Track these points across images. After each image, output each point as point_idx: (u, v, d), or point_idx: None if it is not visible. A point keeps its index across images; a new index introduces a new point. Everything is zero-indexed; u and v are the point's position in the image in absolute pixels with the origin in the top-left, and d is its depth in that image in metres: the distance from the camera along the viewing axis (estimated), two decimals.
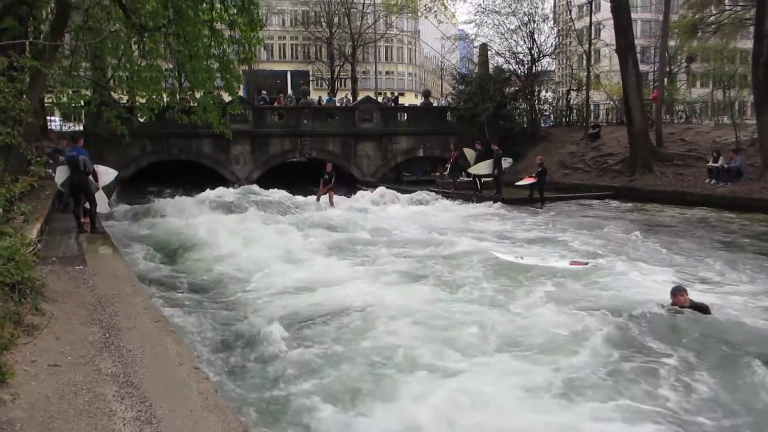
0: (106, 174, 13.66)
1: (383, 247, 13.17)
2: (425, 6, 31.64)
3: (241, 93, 26.65)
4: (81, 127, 24.98)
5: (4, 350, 4.00)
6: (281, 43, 67.22)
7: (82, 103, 17.18)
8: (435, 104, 38.45)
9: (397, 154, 29.84)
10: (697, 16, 28.18)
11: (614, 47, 23.91)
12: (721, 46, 31.84)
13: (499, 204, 20.09)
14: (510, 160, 23.21)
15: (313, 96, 42.38)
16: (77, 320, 6.28)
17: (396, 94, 40.76)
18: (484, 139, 24.55)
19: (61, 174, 12.55)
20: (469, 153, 24.40)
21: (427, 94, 37.76)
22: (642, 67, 28.08)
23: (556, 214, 18.33)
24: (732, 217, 16.72)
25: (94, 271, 8.59)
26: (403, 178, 28.82)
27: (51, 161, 14.38)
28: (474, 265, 11.15)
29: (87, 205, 12.35)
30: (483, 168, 22.83)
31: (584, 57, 32.19)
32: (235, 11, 14.74)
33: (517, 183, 21.91)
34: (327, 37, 49.43)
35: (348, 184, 25.81)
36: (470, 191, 22.78)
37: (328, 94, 42.29)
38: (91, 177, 12.27)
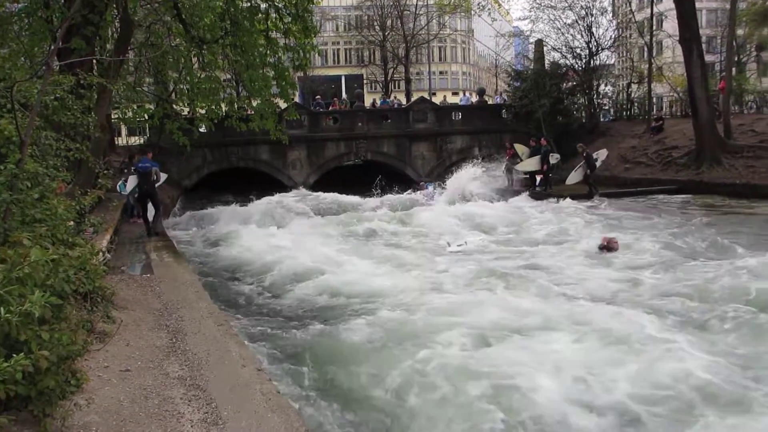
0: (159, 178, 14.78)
1: None
2: (478, 4, 31.36)
3: (296, 99, 27.11)
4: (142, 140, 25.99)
5: (78, 357, 4.18)
6: (335, 48, 67.94)
7: (146, 116, 17.83)
8: (490, 102, 38.06)
9: (452, 153, 29.64)
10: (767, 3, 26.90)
11: (677, 38, 23.08)
12: None
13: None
14: (558, 156, 22.68)
15: (368, 99, 42.61)
16: (145, 326, 6.52)
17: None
18: (540, 135, 24.17)
19: (131, 182, 13.77)
20: (521, 149, 24.05)
21: (481, 93, 37.41)
22: (708, 58, 27.05)
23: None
24: None
25: (160, 279, 8.89)
26: None
27: (126, 171, 15.38)
28: None
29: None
30: (531, 164, 22.43)
31: (645, 49, 31.19)
32: (290, 19, 15.01)
33: (568, 181, 21.57)
34: (380, 40, 49.67)
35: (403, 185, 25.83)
36: (525, 189, 22.49)
37: (382, 96, 42.45)
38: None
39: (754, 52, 37.31)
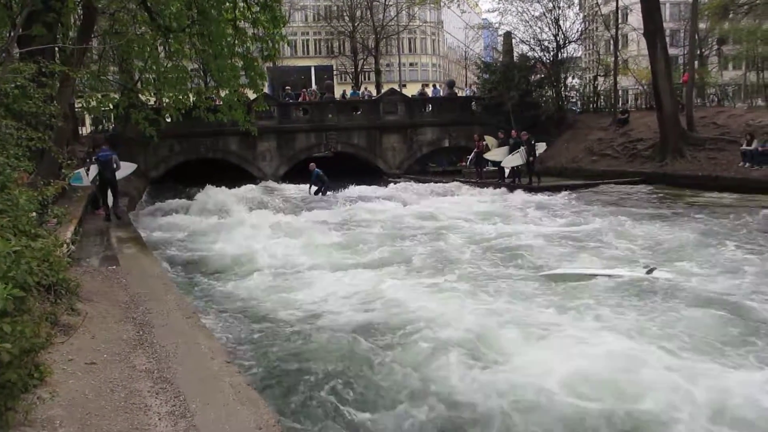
0: (127, 168, 15.15)
1: None
2: None
3: (265, 90, 26.85)
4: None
5: (42, 350, 4.10)
6: (305, 39, 67.34)
7: (111, 106, 17.48)
8: (460, 94, 38.23)
9: (422, 145, 29.76)
10: None
11: (642, 31, 23.46)
12: (754, 27, 31.08)
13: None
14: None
15: (338, 90, 42.45)
16: (112, 319, 6.42)
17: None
18: (508, 127, 24.38)
19: (93, 171, 14.06)
20: (491, 141, 24.26)
21: (451, 85, 37.57)
22: (671, 51, 27.52)
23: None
24: None
25: (127, 271, 8.75)
26: (429, 169, 28.79)
27: (88, 161, 15.32)
28: None
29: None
30: (499, 154, 22.64)
31: (611, 42, 31.66)
32: (258, 9, 14.83)
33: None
34: (350, 31, 49.43)
35: (374, 177, 25.82)
36: (494, 180, 22.67)
37: (353, 87, 42.28)
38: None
39: (716, 46, 38.12)
